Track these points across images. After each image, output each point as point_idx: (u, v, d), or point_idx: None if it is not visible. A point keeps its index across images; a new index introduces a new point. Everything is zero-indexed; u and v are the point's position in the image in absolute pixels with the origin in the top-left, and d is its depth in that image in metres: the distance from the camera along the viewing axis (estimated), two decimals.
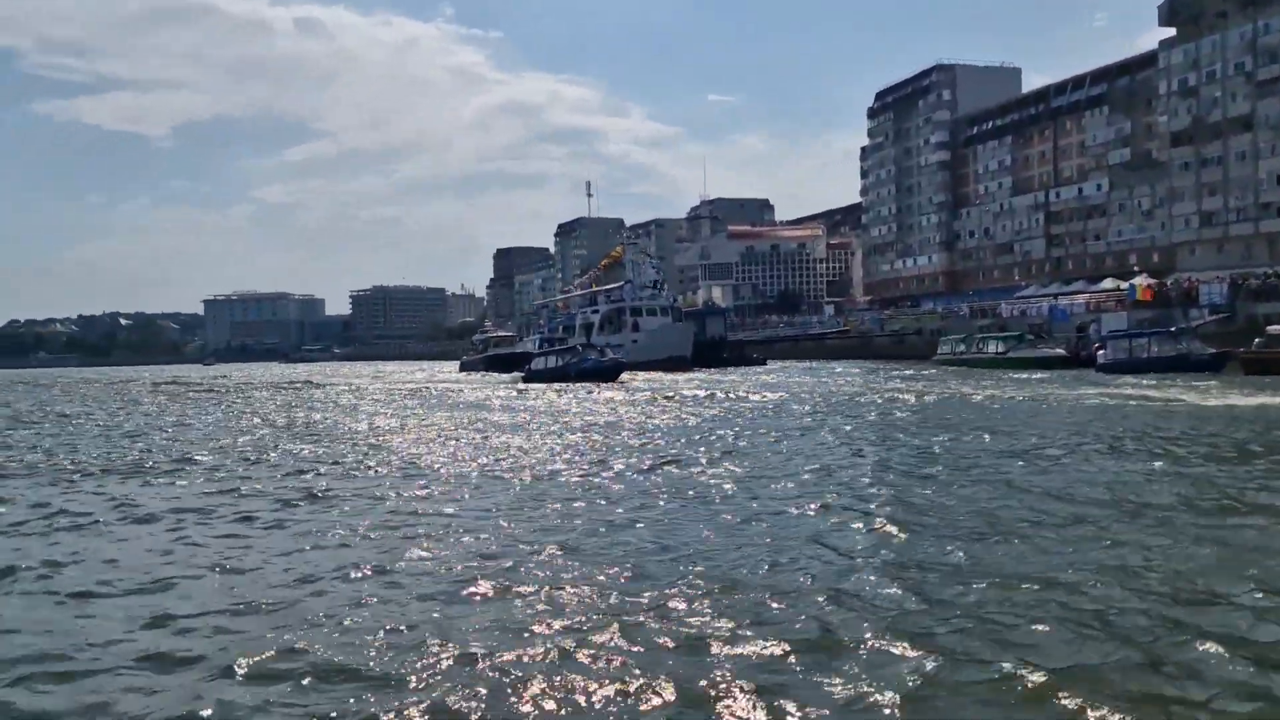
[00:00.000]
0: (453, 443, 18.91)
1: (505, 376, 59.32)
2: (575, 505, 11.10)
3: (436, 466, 15.08)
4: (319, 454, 17.38)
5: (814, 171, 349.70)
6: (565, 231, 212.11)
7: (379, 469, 14.98)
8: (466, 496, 12.01)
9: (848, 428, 19.57)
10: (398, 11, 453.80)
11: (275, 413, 30.14)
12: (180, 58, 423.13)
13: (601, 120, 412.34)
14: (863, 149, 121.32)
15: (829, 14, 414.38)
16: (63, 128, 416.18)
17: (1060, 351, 39.61)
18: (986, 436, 16.84)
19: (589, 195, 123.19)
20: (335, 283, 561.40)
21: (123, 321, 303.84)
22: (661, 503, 11.14)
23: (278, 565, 8.54)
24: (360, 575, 7.99)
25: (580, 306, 73.95)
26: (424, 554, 8.68)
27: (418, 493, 12.38)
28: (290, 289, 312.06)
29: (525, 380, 48.85)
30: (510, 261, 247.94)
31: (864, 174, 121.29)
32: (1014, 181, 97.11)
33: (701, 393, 32.62)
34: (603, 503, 11.29)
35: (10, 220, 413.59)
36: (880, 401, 26.35)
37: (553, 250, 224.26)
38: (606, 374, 45.06)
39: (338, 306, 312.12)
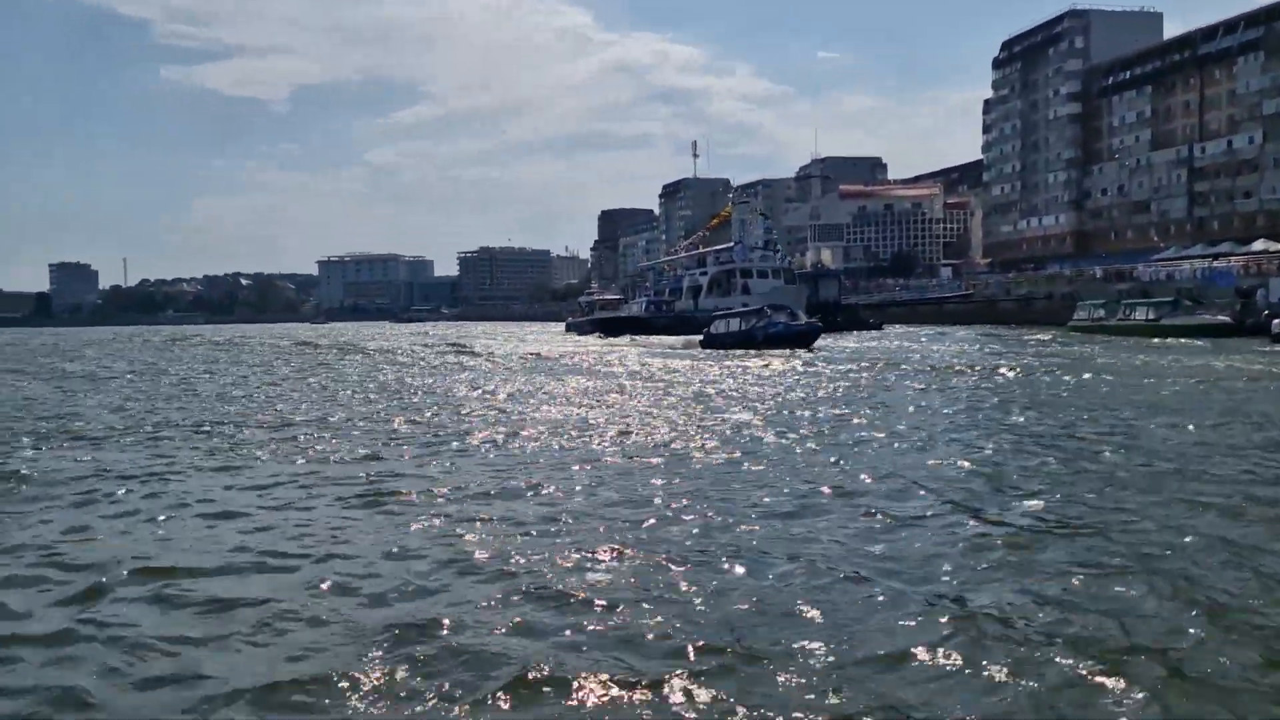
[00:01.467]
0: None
1: (621, 340, 56.68)
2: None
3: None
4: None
5: (928, 129, 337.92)
6: (670, 192, 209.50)
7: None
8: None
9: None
10: None
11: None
12: (290, 23, 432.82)
13: (708, 79, 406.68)
14: (986, 102, 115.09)
15: None
16: (187, 93, 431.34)
17: (1224, 319, 35.67)
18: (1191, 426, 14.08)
19: (694, 155, 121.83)
20: (443, 244, 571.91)
21: (243, 282, 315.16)
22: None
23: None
24: None
25: (688, 268, 71.85)
26: None
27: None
28: (400, 250, 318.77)
29: (704, 345, 43.04)
30: (614, 223, 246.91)
31: (987, 129, 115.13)
32: (1153, 135, 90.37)
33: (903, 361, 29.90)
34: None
35: (141, 184, 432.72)
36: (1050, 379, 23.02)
37: (657, 212, 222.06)
38: (801, 339, 39.69)
39: (446, 268, 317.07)
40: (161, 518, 8.96)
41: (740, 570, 6.86)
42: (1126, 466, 10.79)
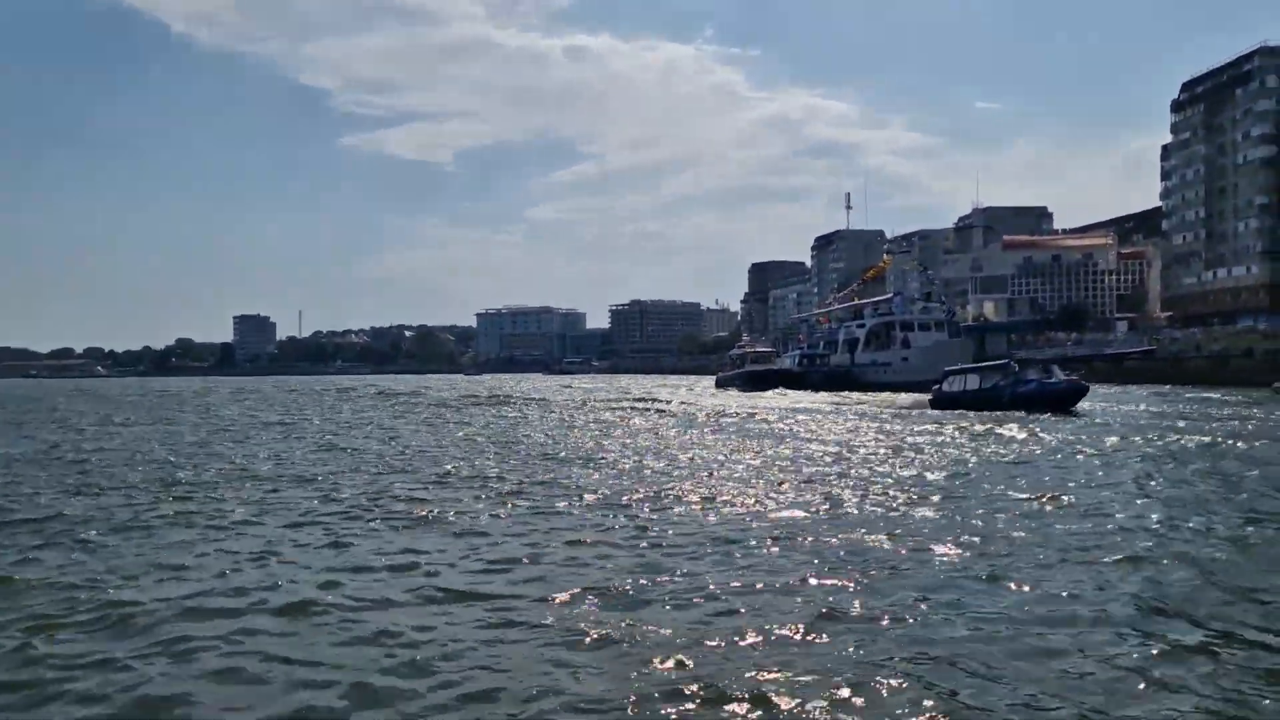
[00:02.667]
0: None
1: (769, 394, 55.01)
2: None
3: None
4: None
5: (1094, 179, 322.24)
6: (823, 244, 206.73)
7: None
8: None
9: None
10: (660, 35, 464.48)
11: None
12: (466, 90, 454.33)
13: (861, 133, 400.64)
14: (1164, 148, 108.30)
15: (1100, 10, 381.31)
16: (364, 158, 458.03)
17: None
18: None
19: (848, 207, 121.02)
20: (597, 297, 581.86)
21: (407, 334, 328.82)
22: None
23: None
24: None
25: (843, 321, 69.59)
26: None
27: None
28: (555, 303, 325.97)
29: (934, 405, 36.58)
30: (765, 275, 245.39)
31: (1165, 175, 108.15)
32: None
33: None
34: None
35: (318, 242, 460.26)
36: None
37: (809, 264, 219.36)
38: (1060, 401, 32.03)
39: (598, 320, 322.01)
40: None
41: None
42: None
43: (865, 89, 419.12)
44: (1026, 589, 8.27)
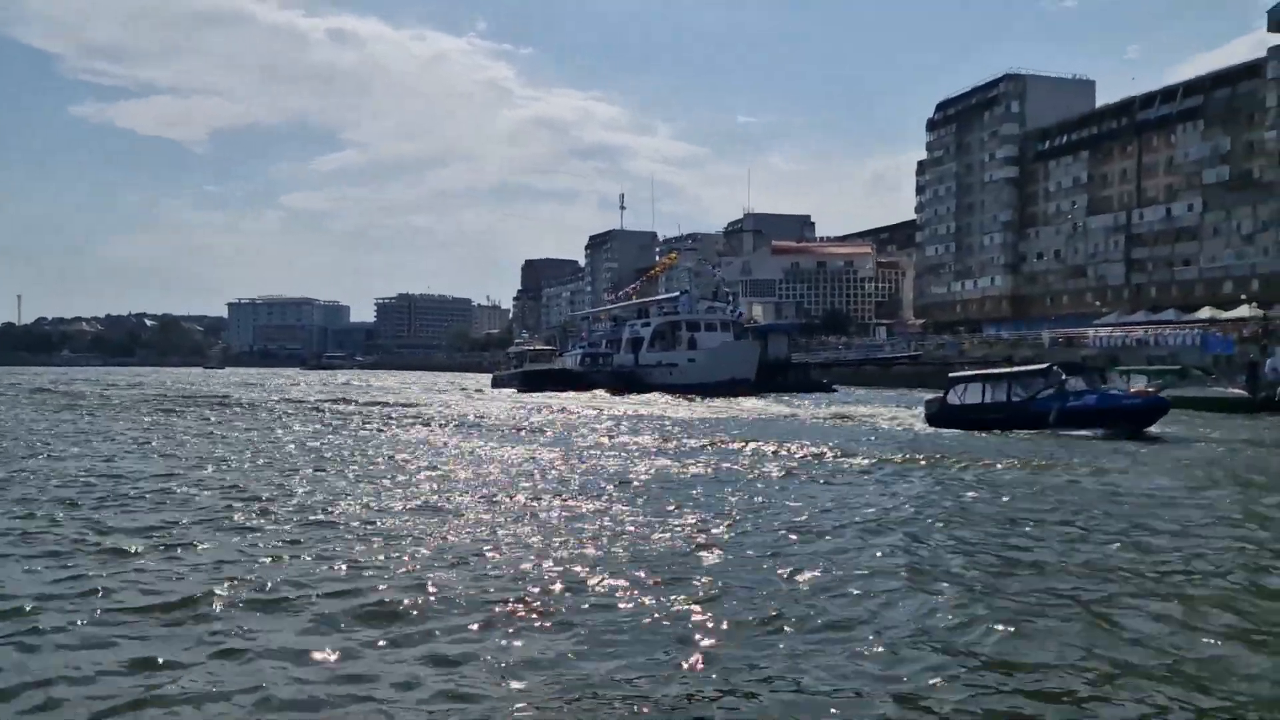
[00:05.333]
0: None
1: (584, 396, 50.64)
2: None
3: None
4: None
5: (848, 193, 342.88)
6: (596, 244, 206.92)
7: None
8: None
9: None
10: (430, 25, 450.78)
11: None
12: (216, 65, 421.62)
13: (629, 138, 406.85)
14: (920, 163, 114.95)
15: (863, 28, 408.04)
16: (97, 130, 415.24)
17: (1239, 392, 32.54)
18: None
19: (621, 207, 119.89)
20: (361, 290, 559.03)
21: (148, 323, 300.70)
22: None
23: None
24: None
25: (626, 319, 67.73)
26: None
27: None
28: (316, 295, 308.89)
29: (935, 423, 26.97)
30: (538, 273, 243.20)
31: (920, 189, 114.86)
32: (1090, 200, 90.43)
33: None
34: None
35: (43, 221, 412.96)
36: None
37: (583, 263, 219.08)
38: (1133, 418, 23.86)
39: (362, 314, 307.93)
40: None
41: None
42: None
43: (633, 94, 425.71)
44: None
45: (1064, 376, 25.41)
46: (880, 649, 6.41)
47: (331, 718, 5.32)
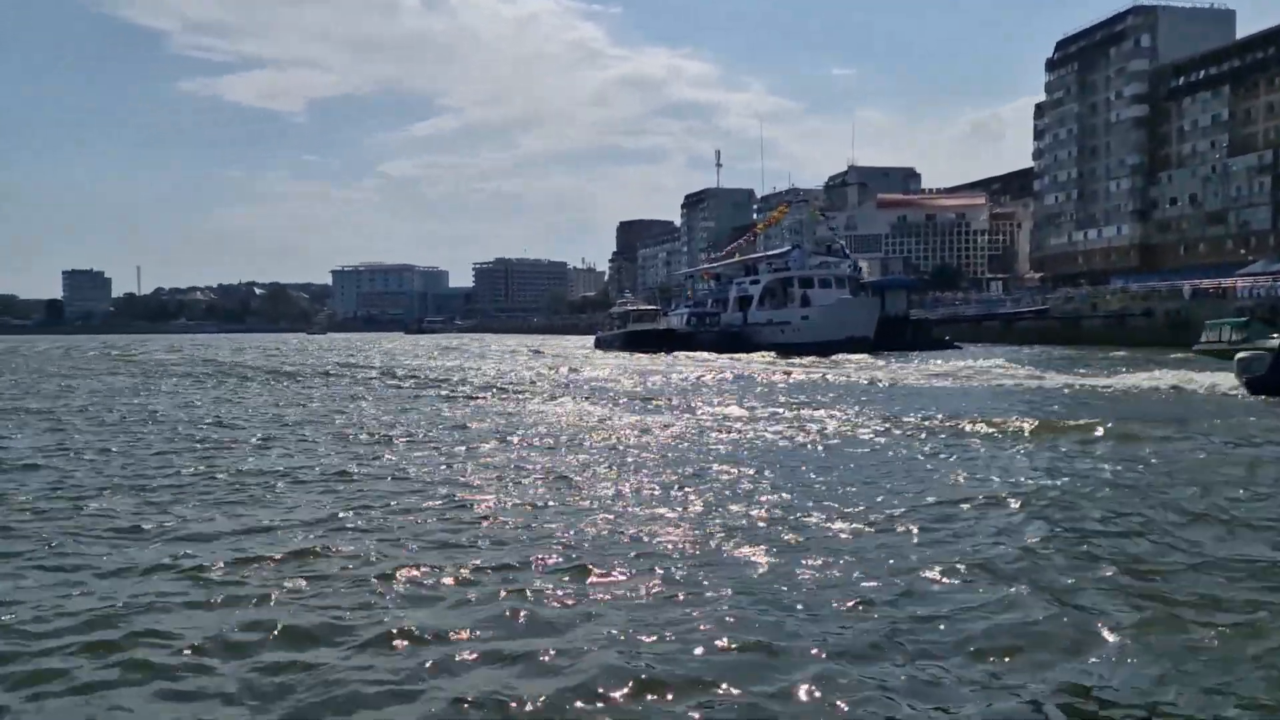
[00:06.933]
0: None
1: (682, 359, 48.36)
2: None
3: None
4: None
5: (943, 146, 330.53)
6: (692, 203, 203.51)
7: None
8: None
9: None
10: None
11: None
12: (312, 37, 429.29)
13: (720, 94, 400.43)
14: (1038, 106, 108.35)
15: None
16: (205, 103, 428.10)
17: None
18: None
19: (718, 165, 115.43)
20: (459, 255, 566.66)
21: (257, 291, 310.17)
22: None
23: None
24: None
25: (734, 277, 65.20)
26: None
27: None
28: (415, 261, 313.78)
29: (1258, 389, 21.15)
30: (633, 234, 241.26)
31: (1038, 134, 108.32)
32: (1231, 140, 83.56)
33: None
34: None
35: (157, 193, 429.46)
36: None
37: (678, 223, 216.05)
38: None
39: (461, 279, 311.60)
40: None
41: None
42: None
43: (724, 50, 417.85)
44: None
45: None
46: None
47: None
